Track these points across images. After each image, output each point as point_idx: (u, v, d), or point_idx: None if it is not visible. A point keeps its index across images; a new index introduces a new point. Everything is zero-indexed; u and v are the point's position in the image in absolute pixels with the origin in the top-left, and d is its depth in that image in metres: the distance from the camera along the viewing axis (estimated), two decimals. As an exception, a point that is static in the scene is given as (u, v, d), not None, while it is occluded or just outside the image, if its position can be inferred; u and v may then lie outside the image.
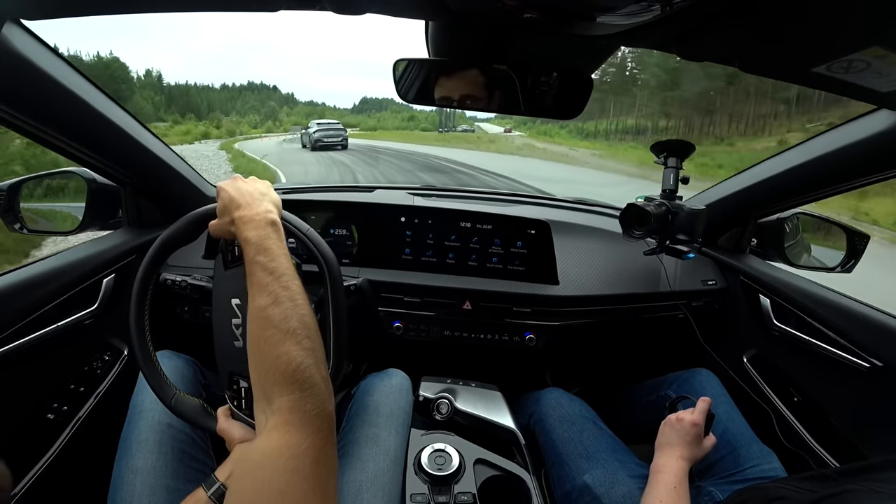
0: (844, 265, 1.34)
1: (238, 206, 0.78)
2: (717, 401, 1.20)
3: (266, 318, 0.65)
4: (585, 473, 1.06)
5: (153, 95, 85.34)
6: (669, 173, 1.26)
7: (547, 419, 1.22)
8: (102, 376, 1.23)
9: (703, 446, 1.00)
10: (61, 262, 1.12)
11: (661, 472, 0.94)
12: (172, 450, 0.90)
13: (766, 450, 1.09)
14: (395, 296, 1.40)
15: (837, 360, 1.13)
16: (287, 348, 0.63)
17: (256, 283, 0.69)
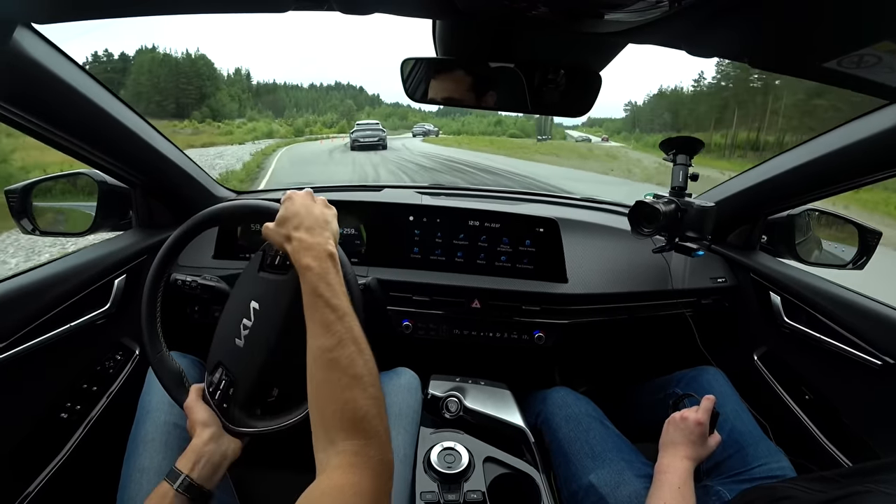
0: (856, 262, 1.33)
1: (301, 225, 0.77)
2: (725, 399, 1.19)
3: (332, 361, 0.65)
4: (591, 473, 1.05)
5: (240, 93, 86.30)
6: (678, 170, 1.25)
7: (553, 418, 1.22)
8: (114, 376, 1.24)
9: (708, 445, 1.00)
10: (74, 263, 1.13)
11: (666, 473, 0.93)
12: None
13: (775, 448, 1.08)
14: (403, 294, 1.41)
15: (849, 357, 1.12)
16: (353, 395, 0.63)
17: (320, 320, 0.68)
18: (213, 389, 0.84)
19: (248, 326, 0.85)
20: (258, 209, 0.88)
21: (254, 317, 0.85)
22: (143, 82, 70.86)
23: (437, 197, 1.68)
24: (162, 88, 70.68)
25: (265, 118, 66.18)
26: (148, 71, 71.74)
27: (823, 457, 1.17)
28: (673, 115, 61.82)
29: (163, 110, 67.41)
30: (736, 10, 0.59)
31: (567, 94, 1.03)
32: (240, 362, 0.84)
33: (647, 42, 0.78)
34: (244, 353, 0.84)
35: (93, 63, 77.33)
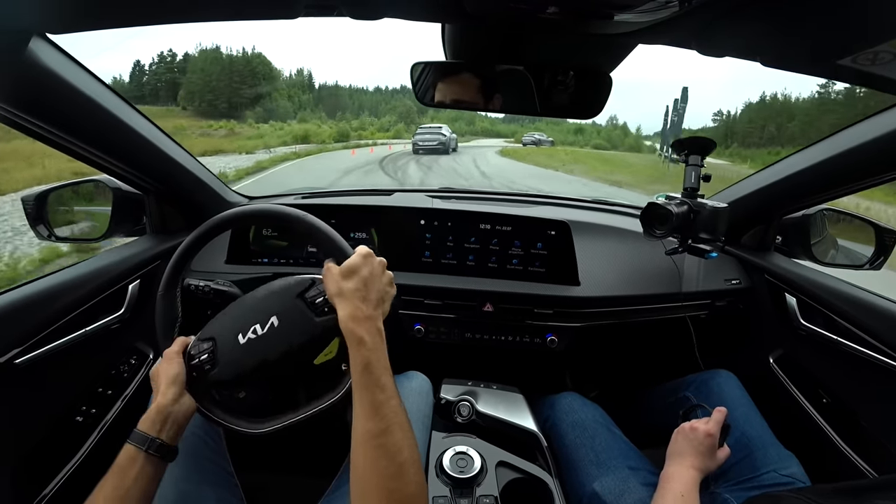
0: (873, 262, 1.31)
1: (362, 292, 0.76)
2: (736, 403, 1.18)
3: (380, 447, 0.64)
4: (595, 481, 1.04)
5: (300, 93, 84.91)
6: (691, 171, 1.24)
7: (560, 424, 1.21)
8: (129, 380, 1.25)
9: (717, 458, 0.98)
10: (89, 269, 1.14)
11: (670, 481, 0.92)
12: (184, 453, 0.91)
13: (786, 453, 1.07)
14: (415, 298, 1.41)
15: (867, 360, 1.10)
16: (399, 485, 0.62)
17: (370, 400, 0.68)
18: (195, 353, 0.84)
19: (257, 332, 0.85)
20: (334, 244, 0.86)
21: (267, 329, 0.85)
22: (196, 81, 68.68)
23: (448, 200, 1.68)
24: (214, 87, 68.12)
25: (316, 120, 63.11)
26: (201, 69, 69.36)
27: (841, 461, 1.15)
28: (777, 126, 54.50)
29: (214, 109, 64.73)
30: (747, 9, 0.59)
31: (577, 96, 1.03)
32: (230, 354, 0.83)
33: (658, 42, 0.78)
34: (239, 351, 0.83)
35: (158, 63, 76.00)
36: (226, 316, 0.89)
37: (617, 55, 0.99)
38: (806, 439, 1.22)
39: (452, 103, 1.08)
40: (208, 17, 0.79)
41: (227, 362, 0.83)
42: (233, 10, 0.78)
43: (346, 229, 1.43)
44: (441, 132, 24.00)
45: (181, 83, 69.65)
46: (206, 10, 0.78)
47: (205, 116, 57.98)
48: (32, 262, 5.19)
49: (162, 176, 1.29)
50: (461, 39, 0.98)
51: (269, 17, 0.80)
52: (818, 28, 0.61)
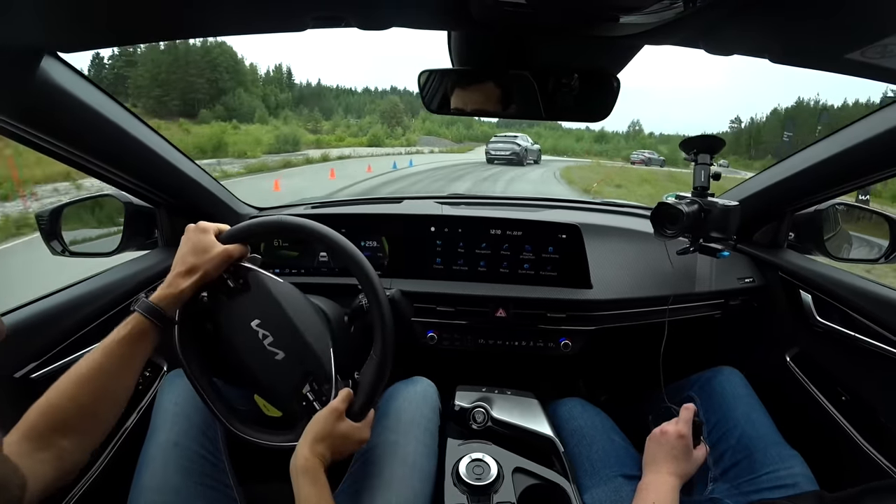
0: (888, 255, 1.29)
1: (335, 441, 0.81)
2: (738, 401, 1.16)
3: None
4: (586, 493, 1.03)
5: (277, 91, 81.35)
6: (700, 170, 1.24)
7: (561, 432, 1.20)
8: (144, 391, 1.26)
9: (695, 459, 0.96)
10: (103, 283, 1.16)
11: (645, 490, 0.90)
12: (177, 468, 0.91)
13: (788, 453, 1.04)
14: (428, 306, 1.41)
15: (886, 355, 1.09)
16: None
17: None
18: (322, 398, 0.87)
19: (271, 342, 0.87)
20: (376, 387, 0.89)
21: (265, 329, 0.87)
22: (144, 74, 61.65)
23: (458, 206, 1.68)
24: (164, 81, 61.58)
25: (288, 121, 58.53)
26: (151, 60, 62.45)
27: (862, 459, 1.13)
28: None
29: (163, 107, 59.50)
30: (753, 7, 0.59)
31: (583, 99, 1.03)
32: (302, 362, 0.87)
33: (664, 43, 0.78)
34: (293, 354, 0.88)
35: (118, 56, 67.46)
36: (257, 372, 0.90)
37: (623, 56, 0.99)
38: (823, 438, 1.21)
39: (459, 110, 1.09)
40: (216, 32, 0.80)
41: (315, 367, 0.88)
42: (240, 24, 0.78)
43: (356, 238, 1.43)
44: (515, 142, 22.72)
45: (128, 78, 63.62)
46: (214, 25, 0.78)
47: (154, 115, 53.60)
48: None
49: (173, 189, 1.30)
50: (467, 46, 0.98)
51: (277, 30, 0.80)
52: (825, 23, 0.61)
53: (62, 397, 0.70)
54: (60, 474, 0.69)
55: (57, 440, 0.69)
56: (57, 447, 0.68)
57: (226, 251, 0.86)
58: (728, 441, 1.09)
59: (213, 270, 0.85)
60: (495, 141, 23.44)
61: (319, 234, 0.89)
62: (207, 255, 0.85)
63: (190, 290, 0.83)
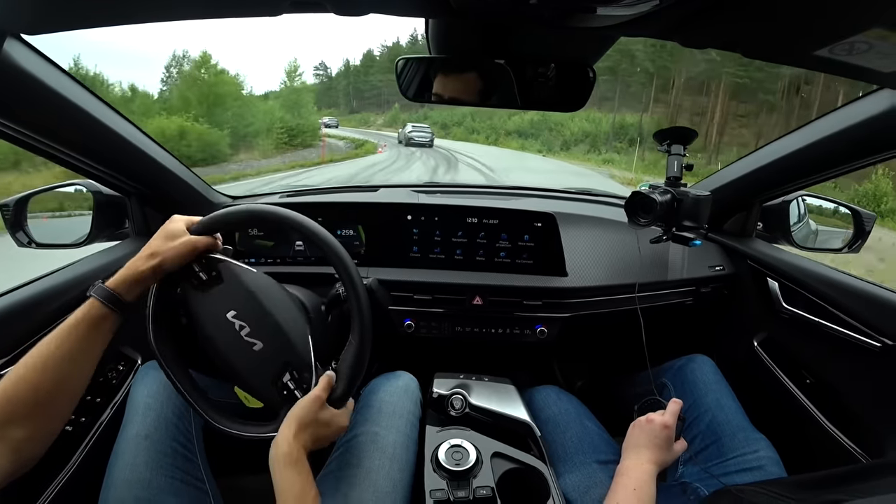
0: (852, 245, 1.34)
1: (316, 429, 0.81)
2: (709, 387, 1.20)
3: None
4: (561, 478, 1.05)
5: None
6: (673, 160, 1.26)
7: (536, 420, 1.22)
8: (118, 386, 1.23)
9: (674, 450, 0.99)
10: (72, 275, 1.13)
11: (624, 475, 0.92)
12: (147, 462, 0.90)
13: (755, 437, 1.08)
14: (404, 294, 1.41)
15: (849, 340, 1.13)
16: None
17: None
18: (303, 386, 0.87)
19: (248, 332, 0.86)
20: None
21: (242, 320, 0.87)
22: None
23: (434, 195, 1.68)
24: None
25: None
26: None
27: (828, 440, 1.18)
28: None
29: None
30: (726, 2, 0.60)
31: (559, 89, 1.03)
32: (281, 352, 0.87)
33: (639, 34, 0.79)
34: (271, 344, 0.87)
35: None
36: (233, 364, 0.89)
37: (599, 47, 1.00)
38: (789, 421, 1.25)
39: (435, 98, 1.08)
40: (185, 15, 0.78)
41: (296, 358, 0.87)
42: (211, 7, 0.76)
43: (332, 226, 1.42)
44: (428, 130, 30.85)
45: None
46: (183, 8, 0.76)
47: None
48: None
49: (143, 178, 1.27)
50: (445, 34, 0.98)
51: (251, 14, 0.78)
52: (795, 20, 0.62)
53: (16, 386, 0.69)
54: (16, 467, 0.68)
55: (11, 431, 0.67)
56: (11, 438, 0.67)
57: (190, 241, 0.84)
58: (699, 426, 1.13)
59: (174, 258, 0.83)
60: (416, 129, 30.26)
61: (293, 223, 0.88)
62: (171, 243, 0.83)
63: (149, 274, 0.82)
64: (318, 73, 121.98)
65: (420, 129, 30.65)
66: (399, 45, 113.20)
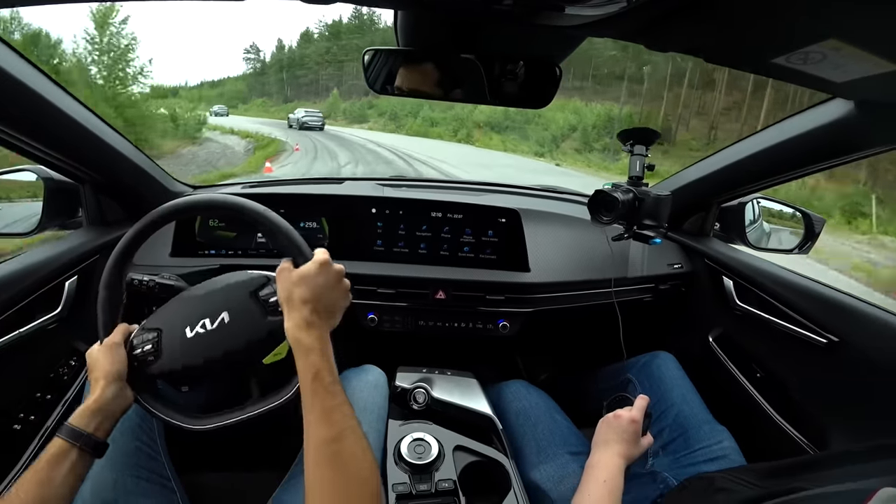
0: (802, 247, 1.40)
1: (315, 301, 0.74)
2: (674, 383, 1.24)
3: (335, 454, 0.63)
4: (534, 469, 1.07)
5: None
6: (636, 160, 1.28)
7: (505, 413, 1.24)
8: (70, 383, 1.19)
9: (641, 445, 1.01)
10: (20, 266, 1.07)
11: (594, 468, 0.94)
12: (113, 464, 0.87)
13: (718, 429, 1.13)
14: (368, 288, 1.40)
15: (797, 336, 1.18)
16: (357, 489, 0.62)
17: (319, 407, 0.66)
18: (137, 343, 0.82)
19: (206, 327, 0.83)
20: (293, 243, 0.82)
21: (217, 325, 0.83)
22: None
23: (399, 189, 1.68)
24: None
25: None
26: None
27: (776, 431, 1.23)
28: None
29: None
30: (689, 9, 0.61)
31: (527, 85, 1.04)
32: (176, 348, 0.81)
33: (606, 35, 0.80)
34: (186, 344, 0.82)
35: None
36: (174, 307, 0.87)
37: (566, 46, 1.01)
38: (742, 413, 1.30)
39: (403, 91, 1.07)
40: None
41: (171, 355, 0.81)
42: None
43: (295, 218, 1.40)
44: (319, 115, 33.95)
45: None
46: None
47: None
48: None
49: (98, 165, 1.21)
50: (413, 27, 0.97)
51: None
52: (754, 29, 0.65)
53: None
54: None
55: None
56: None
57: (108, 342, 0.80)
58: (666, 419, 1.17)
59: (112, 364, 0.78)
60: (309, 114, 33.13)
61: (241, 208, 0.85)
62: (94, 360, 0.79)
63: (106, 397, 0.76)
64: (249, 56, 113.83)
65: (312, 114, 33.59)
66: (340, 22, 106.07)
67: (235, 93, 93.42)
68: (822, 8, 0.55)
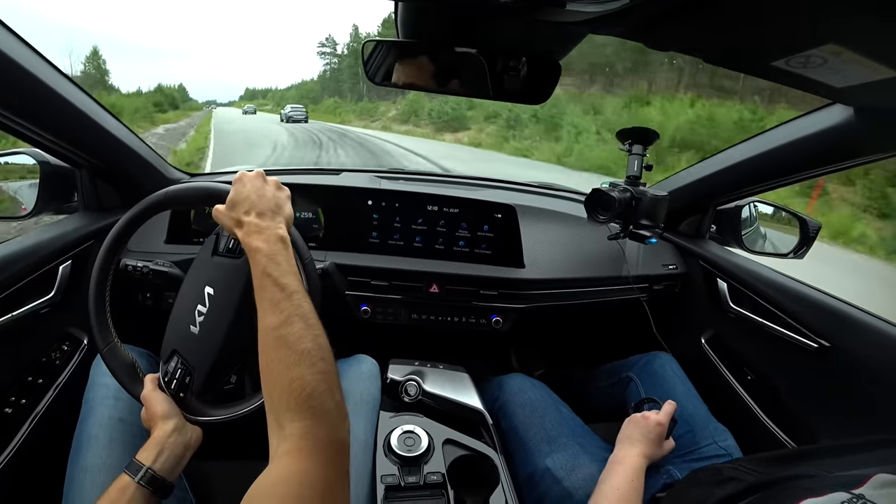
0: (797, 251, 1.40)
1: (252, 209, 0.76)
2: (677, 382, 1.25)
3: (279, 339, 0.64)
4: (547, 457, 1.08)
5: None
6: (634, 160, 1.29)
7: (509, 405, 1.24)
8: (61, 367, 1.19)
9: (664, 448, 1.04)
10: (14, 249, 1.07)
11: (620, 464, 0.96)
12: (124, 445, 0.88)
13: (722, 427, 1.14)
14: (362, 279, 1.40)
15: (788, 340, 1.19)
16: (300, 372, 0.61)
17: (268, 299, 0.68)
18: (168, 379, 0.83)
19: (202, 313, 0.84)
20: (208, 192, 0.85)
21: (209, 302, 0.83)
22: None
23: (396, 181, 1.68)
24: None
25: None
26: None
27: (765, 434, 1.23)
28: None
29: None
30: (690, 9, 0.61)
31: (528, 82, 1.04)
32: (196, 350, 0.82)
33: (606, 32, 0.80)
34: (200, 340, 0.82)
35: None
36: (171, 323, 0.88)
37: (567, 43, 1.00)
38: (733, 414, 1.30)
39: (404, 84, 1.07)
40: None
41: (197, 359, 0.82)
42: None
43: None
44: (302, 109, 39.31)
45: None
46: None
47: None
48: None
49: (95, 149, 1.21)
50: (414, 19, 0.96)
51: None
52: (755, 31, 0.64)
53: None
54: None
55: None
56: None
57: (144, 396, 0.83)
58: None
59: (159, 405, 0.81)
60: (294, 109, 38.16)
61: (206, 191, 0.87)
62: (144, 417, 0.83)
63: (165, 431, 0.78)
64: (324, 51, 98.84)
65: (296, 109, 38.77)
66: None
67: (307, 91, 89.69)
68: (820, 12, 0.54)
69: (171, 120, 32.56)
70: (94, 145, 1.19)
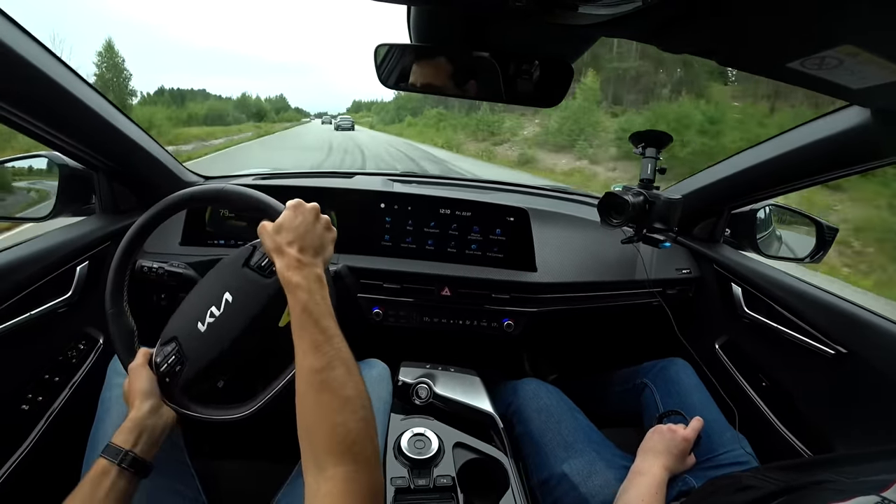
0: (813, 256, 1.38)
1: (296, 242, 0.77)
2: (693, 389, 1.24)
3: (323, 383, 0.65)
4: (563, 463, 1.08)
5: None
6: (647, 163, 1.28)
7: (524, 410, 1.24)
8: (77, 366, 1.21)
9: (686, 462, 1.03)
10: (33, 250, 1.09)
11: (644, 475, 0.96)
12: None
13: (738, 436, 1.13)
14: (374, 282, 1.40)
15: (804, 346, 1.17)
16: (344, 418, 0.62)
17: (308, 340, 0.68)
18: (161, 360, 0.83)
19: (214, 315, 0.84)
20: (262, 204, 0.86)
21: (223, 308, 0.84)
22: None
23: (409, 185, 1.68)
24: None
25: None
26: None
27: (780, 441, 1.22)
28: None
29: None
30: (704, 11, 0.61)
31: (541, 85, 1.04)
32: (196, 346, 0.83)
33: (619, 35, 0.79)
34: (203, 338, 0.83)
35: None
36: (180, 311, 0.88)
37: (579, 46, 1.00)
38: (747, 420, 1.29)
39: (416, 87, 1.07)
40: None
41: (194, 354, 0.82)
42: None
43: None
44: (349, 118, 48.83)
45: None
46: None
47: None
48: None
49: (112, 153, 1.23)
50: (426, 23, 0.97)
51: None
52: (769, 32, 0.64)
53: None
54: None
55: None
56: None
57: (132, 367, 0.85)
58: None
59: (141, 383, 0.81)
60: (343, 119, 46.95)
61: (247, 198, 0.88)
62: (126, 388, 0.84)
63: (142, 412, 0.78)
64: None
65: (345, 119, 47.84)
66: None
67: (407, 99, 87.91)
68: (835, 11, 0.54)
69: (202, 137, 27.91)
70: (111, 148, 1.21)
